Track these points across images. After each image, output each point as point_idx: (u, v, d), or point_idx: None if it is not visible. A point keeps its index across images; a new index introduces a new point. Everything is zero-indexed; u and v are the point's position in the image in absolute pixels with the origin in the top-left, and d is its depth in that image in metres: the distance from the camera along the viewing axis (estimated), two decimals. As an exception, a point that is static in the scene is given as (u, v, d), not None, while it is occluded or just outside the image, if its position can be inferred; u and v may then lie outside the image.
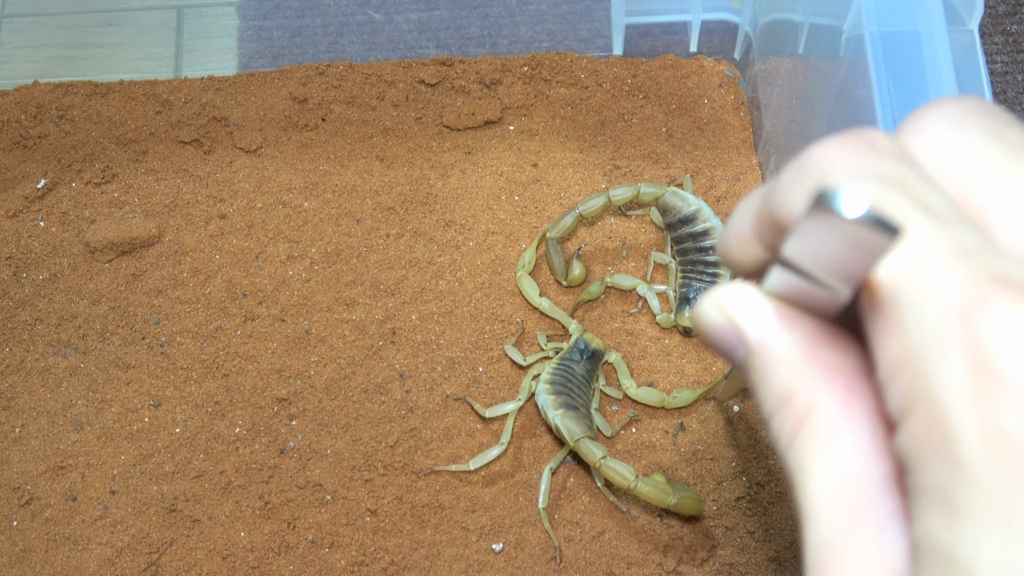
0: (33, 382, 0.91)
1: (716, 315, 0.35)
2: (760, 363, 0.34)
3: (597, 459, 0.82)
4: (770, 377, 0.33)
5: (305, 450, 0.88)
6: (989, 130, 0.33)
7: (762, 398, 0.34)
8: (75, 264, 0.95)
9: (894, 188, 0.31)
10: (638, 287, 0.92)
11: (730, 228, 0.37)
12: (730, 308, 0.35)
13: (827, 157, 0.32)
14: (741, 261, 0.37)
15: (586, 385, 0.88)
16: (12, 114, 1.00)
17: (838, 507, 0.31)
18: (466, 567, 0.85)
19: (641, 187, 0.92)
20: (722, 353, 0.36)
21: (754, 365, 0.34)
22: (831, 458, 0.32)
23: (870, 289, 0.31)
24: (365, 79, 1.02)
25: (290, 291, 0.94)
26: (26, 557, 0.85)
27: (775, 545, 0.86)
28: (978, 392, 0.28)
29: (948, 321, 0.28)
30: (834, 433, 0.32)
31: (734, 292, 0.35)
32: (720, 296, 0.35)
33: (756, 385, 0.34)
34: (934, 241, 0.30)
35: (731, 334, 0.35)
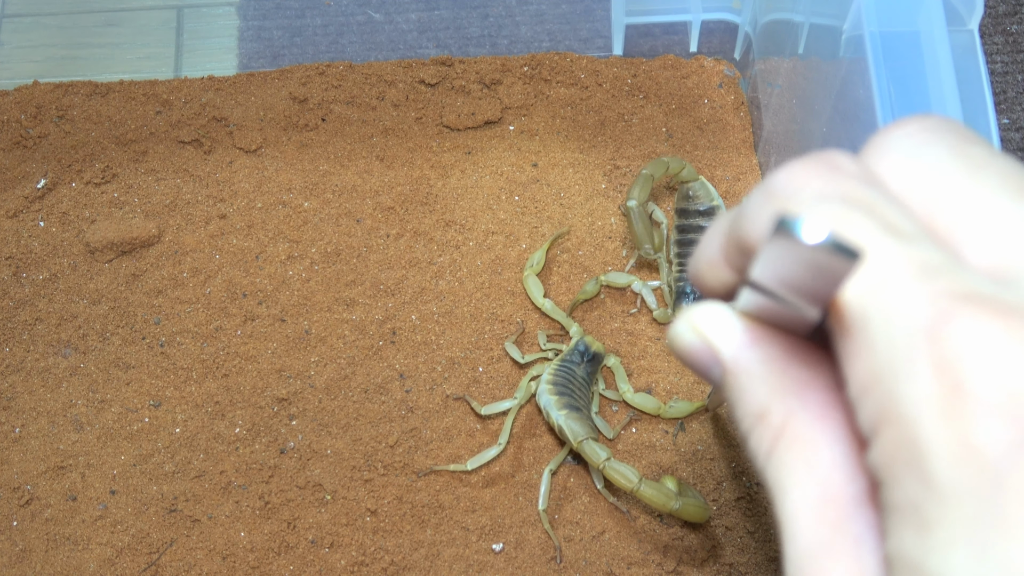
0: (33, 382, 0.91)
1: (690, 336, 0.36)
2: (735, 381, 0.34)
3: (601, 461, 0.82)
4: (745, 395, 0.34)
5: (305, 450, 0.88)
6: (952, 148, 0.34)
7: (739, 416, 0.34)
8: (75, 264, 0.95)
9: (858, 210, 0.31)
10: (632, 284, 0.92)
11: (700, 252, 0.37)
12: (703, 329, 0.35)
13: (791, 181, 0.33)
14: (711, 284, 0.37)
15: (586, 387, 0.88)
16: (12, 114, 1.00)
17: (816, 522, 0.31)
18: (466, 567, 0.85)
19: (686, 164, 0.93)
20: (699, 373, 0.36)
21: (729, 384, 0.35)
22: (807, 473, 0.32)
23: (836, 310, 0.31)
24: (365, 79, 1.02)
25: (290, 291, 0.94)
26: (26, 557, 0.85)
27: (775, 545, 0.86)
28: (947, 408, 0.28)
29: (915, 339, 0.29)
30: (809, 448, 0.32)
31: (707, 313, 0.36)
32: (693, 317, 0.36)
33: (732, 403, 0.35)
34: (898, 261, 0.30)
35: (706, 354, 0.35)
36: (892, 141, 0.34)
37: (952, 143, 0.34)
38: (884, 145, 0.35)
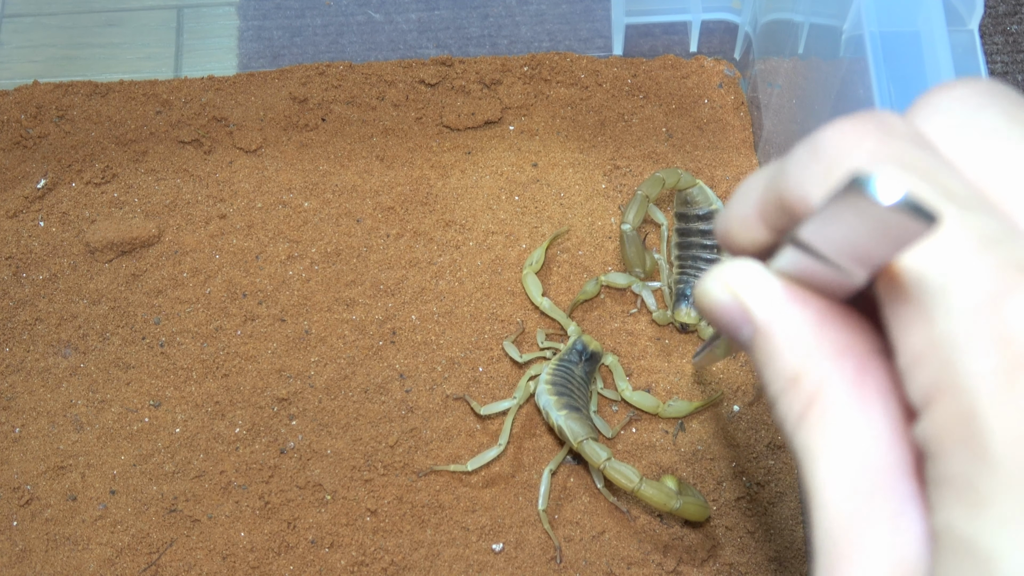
0: (33, 382, 0.91)
1: (721, 293, 0.34)
2: (767, 343, 0.33)
3: (602, 461, 0.82)
4: (777, 357, 0.33)
5: (305, 450, 0.88)
6: (1008, 113, 0.33)
7: (768, 378, 0.33)
8: (75, 264, 0.95)
9: (915, 174, 0.30)
10: (632, 285, 0.92)
11: (732, 209, 0.36)
12: (736, 286, 0.34)
13: (842, 139, 0.32)
14: (742, 243, 0.36)
15: (585, 386, 0.88)
16: (12, 114, 1.00)
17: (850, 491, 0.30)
18: (466, 567, 0.85)
19: (681, 174, 0.92)
20: (726, 332, 0.35)
21: (760, 344, 0.33)
22: (842, 441, 0.31)
23: (892, 276, 0.30)
24: (365, 79, 1.02)
25: (290, 291, 0.94)
26: (26, 557, 0.85)
27: (775, 545, 0.86)
28: (1007, 383, 0.27)
29: (976, 311, 0.28)
30: (845, 415, 0.31)
31: (740, 270, 0.34)
32: (725, 274, 0.34)
33: (761, 364, 0.33)
34: (959, 228, 0.29)
35: (737, 313, 0.34)
36: (942, 103, 0.33)
37: (1007, 108, 0.33)
38: (933, 107, 0.33)
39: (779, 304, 0.33)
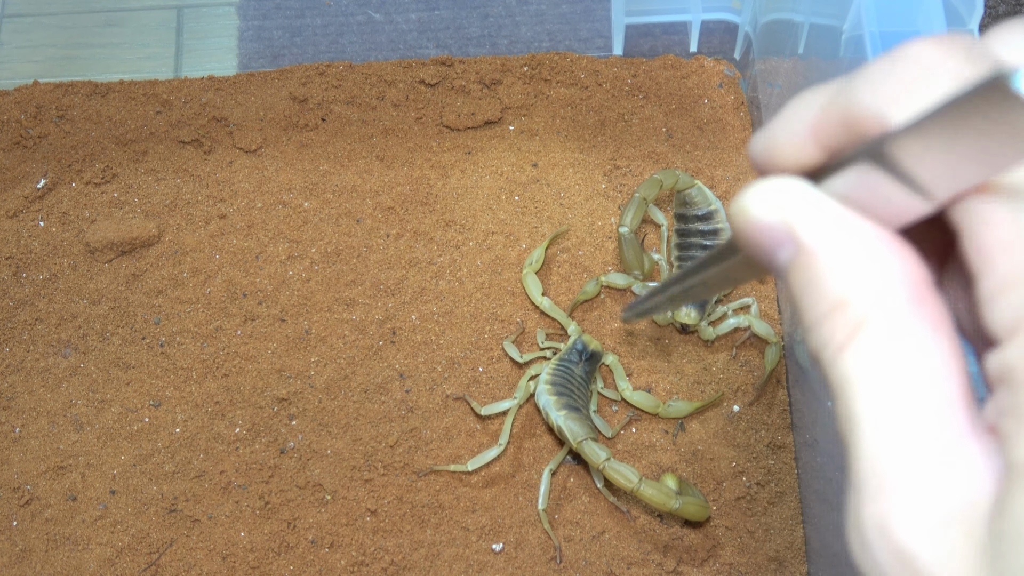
0: (33, 382, 0.91)
1: (764, 210, 0.32)
2: (812, 264, 0.31)
3: (601, 461, 0.82)
4: (823, 280, 0.31)
5: (305, 450, 0.88)
6: None
7: (809, 302, 0.31)
8: (75, 264, 0.95)
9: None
10: (632, 285, 0.92)
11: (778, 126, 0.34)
12: (783, 202, 0.32)
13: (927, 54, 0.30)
14: (785, 162, 0.34)
15: (585, 386, 0.88)
16: (12, 114, 1.00)
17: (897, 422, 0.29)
18: (466, 567, 0.85)
19: (679, 175, 0.92)
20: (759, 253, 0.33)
21: (803, 266, 0.31)
22: (891, 369, 0.29)
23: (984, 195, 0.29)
24: (365, 79, 1.02)
25: (290, 291, 0.94)
26: (26, 557, 0.85)
27: (775, 545, 0.86)
28: None
29: None
30: (895, 343, 0.30)
31: (788, 186, 0.32)
32: (770, 190, 0.32)
33: (801, 288, 0.31)
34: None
35: (778, 231, 0.32)
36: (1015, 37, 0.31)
37: None
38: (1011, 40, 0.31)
39: (829, 222, 0.31)
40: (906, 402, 0.29)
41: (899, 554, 0.28)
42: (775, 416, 0.90)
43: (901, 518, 0.28)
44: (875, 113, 0.30)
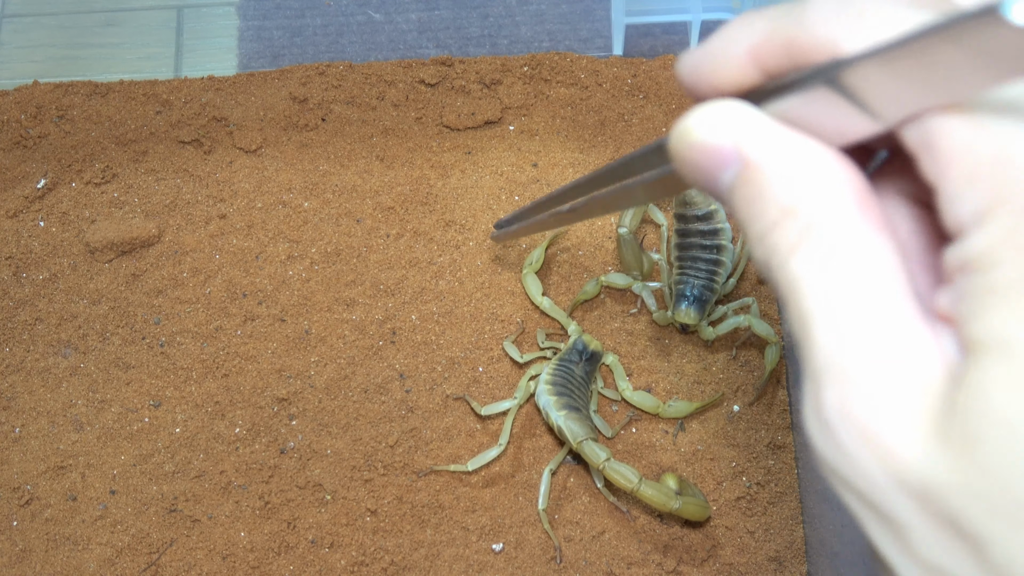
0: (33, 382, 0.91)
1: (709, 131, 0.34)
2: (759, 178, 0.33)
3: (601, 461, 0.82)
4: (770, 190, 0.33)
5: (305, 450, 0.88)
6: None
7: (755, 214, 0.33)
8: (75, 264, 0.95)
9: None
10: (633, 286, 0.92)
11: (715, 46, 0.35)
12: (728, 123, 0.34)
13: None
14: (718, 81, 0.35)
15: (585, 386, 0.88)
16: (12, 114, 1.00)
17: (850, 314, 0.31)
18: (466, 567, 0.85)
19: None
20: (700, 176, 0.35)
21: (749, 180, 0.33)
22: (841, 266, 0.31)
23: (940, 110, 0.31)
24: (365, 79, 1.02)
25: (290, 291, 0.94)
26: (26, 557, 0.85)
27: (775, 545, 0.86)
28: None
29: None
30: (844, 242, 0.31)
31: (732, 107, 0.34)
32: (714, 112, 0.34)
33: (748, 202, 0.33)
34: None
35: (725, 152, 0.34)
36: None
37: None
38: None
39: (775, 139, 0.33)
40: (854, 296, 0.31)
41: (860, 431, 0.30)
42: (775, 416, 0.90)
43: (860, 400, 0.30)
44: (827, 41, 0.32)
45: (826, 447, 0.31)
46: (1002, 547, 0.28)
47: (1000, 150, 0.29)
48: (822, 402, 0.31)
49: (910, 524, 0.30)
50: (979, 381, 0.28)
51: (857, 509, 0.31)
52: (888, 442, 0.30)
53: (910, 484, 0.29)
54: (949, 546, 0.29)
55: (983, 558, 0.28)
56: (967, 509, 0.28)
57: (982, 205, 0.29)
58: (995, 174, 0.29)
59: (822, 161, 0.32)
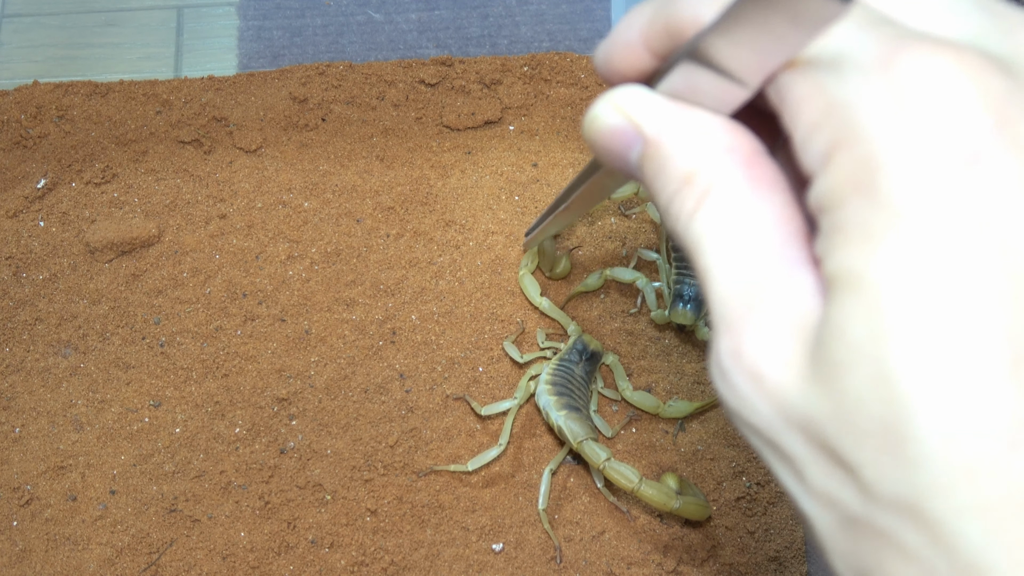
0: (33, 382, 0.91)
1: (612, 115, 0.37)
2: (659, 152, 0.36)
3: (601, 461, 0.82)
4: (670, 162, 0.35)
5: (305, 450, 0.88)
6: None
7: (660, 185, 0.36)
8: (75, 264, 0.95)
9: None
10: (638, 280, 0.92)
11: (615, 37, 0.39)
12: (626, 106, 0.37)
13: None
14: (624, 69, 0.39)
15: (585, 386, 0.88)
16: (12, 114, 1.00)
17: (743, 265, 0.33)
18: (466, 567, 0.85)
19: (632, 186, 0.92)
20: (613, 158, 0.38)
21: (652, 156, 0.36)
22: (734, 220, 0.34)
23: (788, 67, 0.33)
24: (365, 79, 1.02)
25: (290, 291, 0.94)
26: (26, 557, 0.85)
27: (775, 545, 0.86)
28: (899, 126, 0.30)
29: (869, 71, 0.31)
30: (737, 198, 0.34)
31: (628, 91, 0.37)
32: (615, 98, 0.37)
33: (653, 176, 0.36)
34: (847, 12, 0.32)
35: (627, 132, 0.37)
36: None
37: None
38: None
39: (669, 115, 0.36)
40: (743, 248, 0.33)
41: (749, 372, 0.32)
42: (775, 416, 0.90)
43: (748, 343, 0.33)
44: (693, 18, 0.35)
45: (725, 392, 0.34)
46: (872, 470, 0.29)
47: (833, 98, 0.32)
48: (719, 350, 0.33)
49: (799, 457, 0.32)
50: (835, 315, 0.30)
51: (759, 448, 0.34)
52: (772, 380, 0.32)
53: (794, 418, 0.32)
54: (832, 474, 0.31)
55: (859, 482, 0.30)
56: (839, 437, 0.30)
57: (825, 149, 0.32)
58: (832, 119, 0.31)
59: (710, 129, 0.35)
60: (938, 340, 0.28)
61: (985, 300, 0.28)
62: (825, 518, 0.31)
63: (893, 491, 0.29)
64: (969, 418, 0.28)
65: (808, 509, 0.32)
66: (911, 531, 0.29)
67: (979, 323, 0.28)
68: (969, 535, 0.28)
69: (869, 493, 0.30)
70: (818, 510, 0.32)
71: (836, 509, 0.31)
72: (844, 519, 0.31)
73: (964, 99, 0.30)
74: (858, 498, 0.30)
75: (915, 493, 0.28)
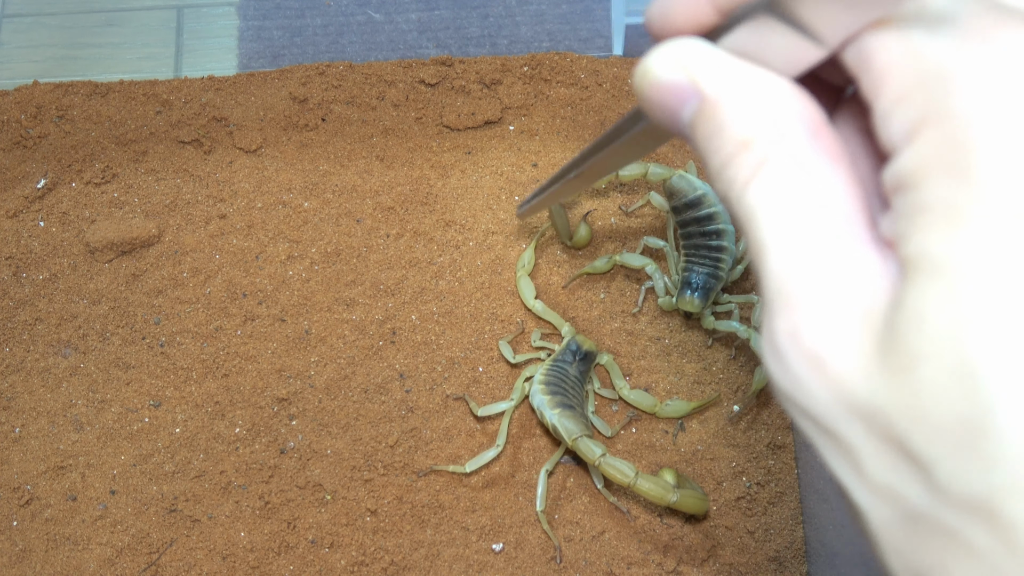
0: (33, 382, 0.91)
1: (667, 69, 0.35)
2: (717, 112, 0.34)
3: (596, 457, 0.82)
4: (728, 124, 0.33)
5: (305, 450, 0.88)
6: None
7: (715, 148, 0.34)
8: (75, 264, 0.95)
9: None
10: (647, 267, 0.92)
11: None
12: (686, 60, 0.34)
13: None
14: (682, 23, 0.36)
15: (579, 386, 0.88)
16: (12, 114, 1.00)
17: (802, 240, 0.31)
18: (466, 567, 0.85)
19: (650, 167, 0.92)
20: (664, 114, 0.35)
21: (708, 115, 0.34)
22: (795, 193, 0.32)
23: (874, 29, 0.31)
24: (365, 79, 1.02)
25: (290, 291, 0.94)
26: (26, 557, 0.85)
27: (775, 545, 0.86)
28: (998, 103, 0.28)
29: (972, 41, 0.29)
30: (798, 169, 0.32)
31: (688, 45, 0.35)
32: (672, 50, 0.35)
33: (707, 137, 0.34)
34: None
35: (683, 88, 0.34)
36: None
37: None
38: None
39: (731, 73, 0.34)
40: (806, 222, 0.31)
41: (809, 355, 0.31)
42: (775, 416, 0.90)
43: (809, 325, 0.31)
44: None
45: (779, 373, 0.32)
46: (944, 466, 0.28)
47: (928, 66, 0.30)
48: (774, 329, 0.32)
49: (859, 447, 0.30)
50: (913, 301, 0.29)
51: (812, 435, 0.32)
52: (834, 366, 0.30)
53: (857, 407, 0.30)
54: (897, 468, 0.29)
55: (928, 478, 0.28)
56: (910, 430, 0.29)
57: (911, 123, 0.30)
58: (923, 91, 0.30)
59: (775, 92, 0.33)
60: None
61: None
62: (884, 512, 0.30)
63: (967, 489, 0.27)
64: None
65: (864, 502, 0.31)
66: (982, 532, 0.27)
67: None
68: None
69: (939, 490, 0.28)
70: (877, 504, 0.30)
71: (898, 504, 0.29)
72: (906, 514, 0.29)
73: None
74: (925, 494, 0.29)
75: (990, 492, 0.27)
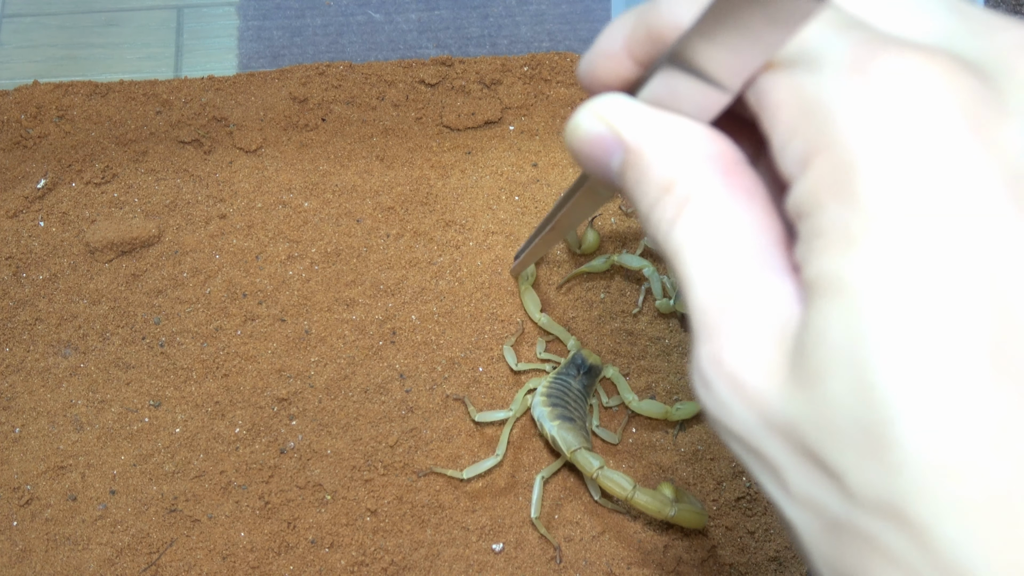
0: (33, 382, 0.91)
1: (593, 124, 0.37)
2: (640, 160, 0.36)
3: (594, 470, 0.82)
4: (650, 171, 0.35)
5: (305, 450, 0.88)
6: None
7: (641, 193, 0.36)
8: (75, 264, 0.95)
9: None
10: (644, 268, 0.92)
11: (598, 47, 0.39)
12: (607, 114, 0.37)
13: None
14: (607, 78, 0.39)
15: (583, 399, 0.88)
16: (12, 114, 1.00)
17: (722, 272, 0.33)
18: (466, 567, 0.85)
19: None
20: (595, 167, 0.38)
21: (633, 164, 0.36)
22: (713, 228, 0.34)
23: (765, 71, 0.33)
24: (365, 79, 1.02)
25: (290, 291, 0.94)
26: (26, 557, 0.85)
27: (775, 545, 0.86)
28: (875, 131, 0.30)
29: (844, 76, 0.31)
30: (716, 207, 0.34)
31: (610, 100, 0.37)
32: (595, 106, 0.37)
33: (634, 184, 0.36)
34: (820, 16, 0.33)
35: (608, 140, 0.37)
36: None
37: None
38: None
39: (649, 123, 0.36)
40: (722, 256, 0.33)
41: (730, 378, 0.33)
42: (775, 416, 0.90)
43: (728, 349, 0.33)
44: (672, 21, 0.35)
45: (706, 398, 0.34)
46: (854, 475, 0.29)
47: (811, 101, 0.32)
48: (699, 356, 0.33)
49: (781, 463, 0.32)
50: (815, 320, 0.30)
51: (741, 455, 0.34)
52: (753, 386, 0.32)
53: (775, 424, 0.31)
54: (814, 479, 0.31)
55: (842, 487, 0.30)
56: (820, 442, 0.30)
57: (802, 154, 0.32)
58: (809, 124, 0.31)
59: (690, 137, 0.35)
60: (918, 343, 0.28)
61: (965, 302, 0.28)
62: (809, 524, 0.31)
63: (876, 495, 0.29)
64: (951, 421, 0.28)
65: (792, 515, 0.32)
66: (894, 534, 0.28)
67: (959, 325, 0.28)
68: (952, 537, 0.27)
69: (852, 497, 0.29)
70: (802, 516, 0.32)
71: (819, 514, 0.31)
72: (828, 524, 0.31)
73: (938, 102, 0.30)
74: (841, 503, 0.30)
75: (898, 496, 0.28)
